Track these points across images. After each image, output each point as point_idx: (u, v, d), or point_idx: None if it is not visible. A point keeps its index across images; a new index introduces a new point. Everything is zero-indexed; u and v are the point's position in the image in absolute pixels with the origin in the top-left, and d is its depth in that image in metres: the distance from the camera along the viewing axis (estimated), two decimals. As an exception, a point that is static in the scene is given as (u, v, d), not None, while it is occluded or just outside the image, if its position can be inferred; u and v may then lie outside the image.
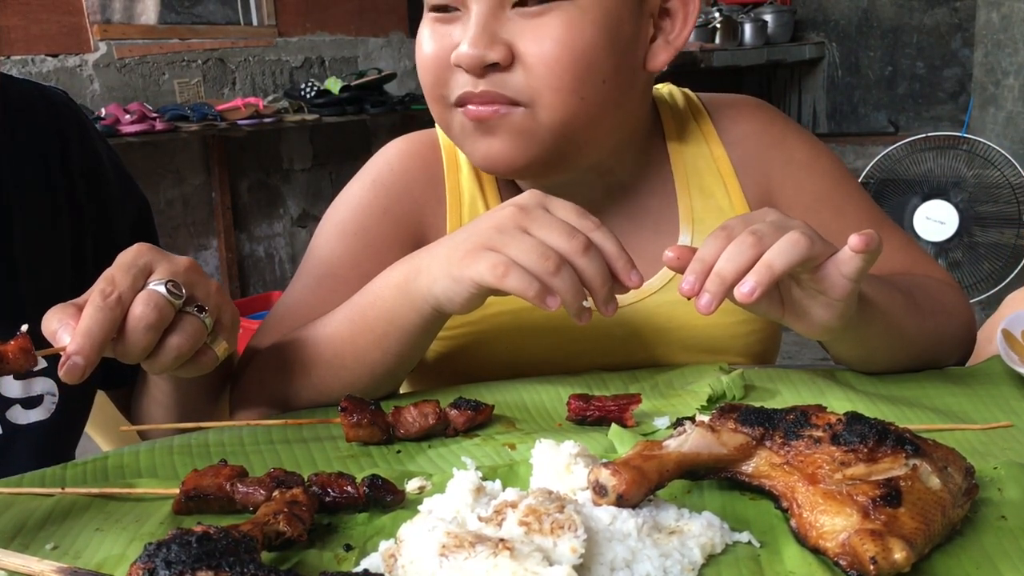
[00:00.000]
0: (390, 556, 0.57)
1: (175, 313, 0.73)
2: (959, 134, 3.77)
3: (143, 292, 0.72)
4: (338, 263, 1.02)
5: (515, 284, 0.76)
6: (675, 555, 0.57)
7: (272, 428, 0.84)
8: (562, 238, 0.77)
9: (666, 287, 1.02)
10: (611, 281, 0.78)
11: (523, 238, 0.77)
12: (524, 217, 0.78)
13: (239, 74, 4.47)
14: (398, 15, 5.13)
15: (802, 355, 3.45)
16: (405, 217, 1.03)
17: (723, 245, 0.75)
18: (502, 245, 0.78)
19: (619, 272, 0.79)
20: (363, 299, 0.90)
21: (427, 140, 1.08)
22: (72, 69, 3.86)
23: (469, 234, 0.81)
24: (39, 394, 0.96)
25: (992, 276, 3.66)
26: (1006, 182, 3.61)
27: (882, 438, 0.61)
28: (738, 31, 4.89)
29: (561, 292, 0.76)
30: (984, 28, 3.88)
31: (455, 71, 0.91)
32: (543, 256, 0.76)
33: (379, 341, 0.88)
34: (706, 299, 0.74)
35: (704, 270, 0.75)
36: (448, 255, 0.81)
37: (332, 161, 4.93)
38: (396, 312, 0.86)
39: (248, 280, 4.64)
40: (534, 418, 0.86)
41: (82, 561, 0.61)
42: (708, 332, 1.01)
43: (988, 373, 0.92)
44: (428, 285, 0.82)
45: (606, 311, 0.79)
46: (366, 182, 1.05)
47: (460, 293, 0.80)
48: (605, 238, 0.79)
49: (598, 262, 0.78)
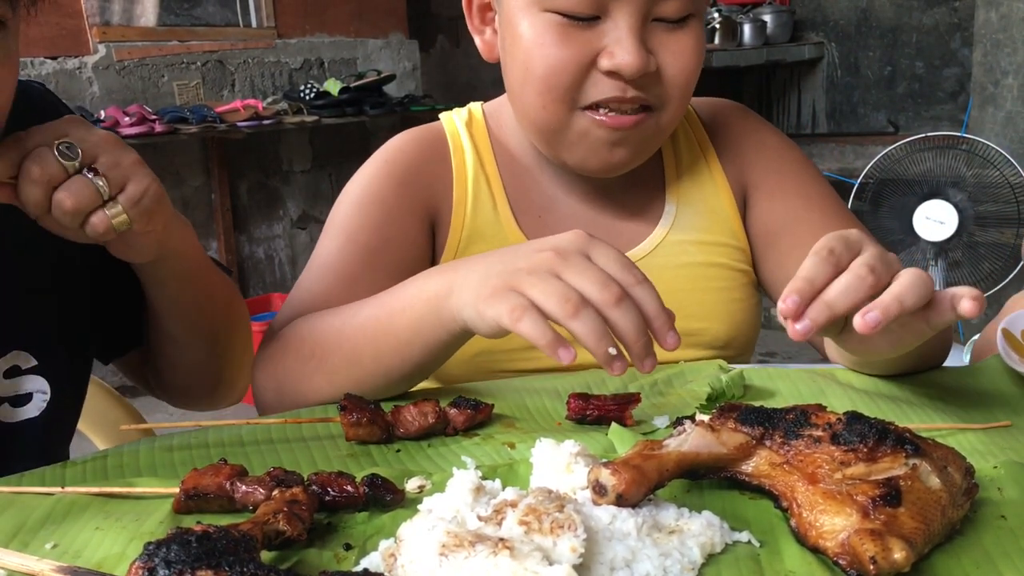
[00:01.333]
0: (390, 555, 0.57)
1: (66, 174, 0.77)
2: (958, 134, 3.76)
3: (35, 150, 0.77)
4: (358, 230, 1.06)
5: (528, 330, 0.74)
6: (675, 554, 0.57)
7: (272, 427, 0.84)
8: (595, 287, 0.74)
9: (652, 254, 1.09)
10: (646, 336, 0.75)
11: (550, 282, 0.75)
12: (560, 262, 0.76)
13: (238, 76, 4.47)
14: (397, 17, 5.13)
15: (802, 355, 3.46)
16: (419, 190, 1.09)
17: (831, 272, 0.71)
18: (528, 287, 0.76)
19: (656, 331, 0.76)
20: (393, 302, 0.89)
21: (431, 130, 1.15)
22: (71, 71, 3.86)
23: (504, 268, 0.79)
24: (28, 392, 0.96)
25: (992, 276, 3.65)
26: (1005, 182, 3.61)
27: (882, 438, 0.61)
28: (737, 31, 4.89)
29: (581, 337, 0.73)
30: (983, 28, 3.88)
31: (594, 75, 0.97)
32: (564, 299, 0.73)
33: (402, 348, 0.87)
34: (806, 326, 0.69)
35: (812, 292, 0.70)
36: (479, 286, 0.79)
37: (332, 162, 4.93)
38: (424, 324, 0.85)
39: (248, 282, 4.64)
40: (534, 417, 0.86)
41: (82, 560, 0.61)
42: (692, 298, 1.07)
43: (988, 373, 0.92)
44: (458, 308, 0.81)
45: (642, 367, 0.75)
46: (379, 162, 1.11)
47: (483, 328, 0.79)
48: (646, 293, 0.76)
49: (632, 315, 0.74)
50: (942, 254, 3.72)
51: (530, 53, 0.97)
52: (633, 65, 0.94)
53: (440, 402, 0.82)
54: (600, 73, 0.96)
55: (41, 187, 0.77)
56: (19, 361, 0.95)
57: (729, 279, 1.12)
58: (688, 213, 1.12)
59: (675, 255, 1.11)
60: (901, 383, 0.91)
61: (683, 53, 0.97)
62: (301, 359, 0.93)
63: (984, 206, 3.67)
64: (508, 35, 1.01)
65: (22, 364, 0.95)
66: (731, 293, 1.11)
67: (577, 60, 0.95)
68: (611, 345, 0.73)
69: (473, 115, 1.16)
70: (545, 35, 0.96)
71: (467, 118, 1.15)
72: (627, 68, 0.94)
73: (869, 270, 0.70)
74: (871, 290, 0.70)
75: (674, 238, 1.11)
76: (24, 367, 0.95)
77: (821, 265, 0.71)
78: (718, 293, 1.11)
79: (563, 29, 0.95)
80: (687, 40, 0.98)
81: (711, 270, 1.11)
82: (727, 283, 1.12)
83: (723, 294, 1.11)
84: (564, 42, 0.95)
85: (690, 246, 1.11)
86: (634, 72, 0.94)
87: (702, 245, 1.11)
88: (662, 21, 0.96)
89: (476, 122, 1.15)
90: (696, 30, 0.98)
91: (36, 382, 0.96)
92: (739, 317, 1.12)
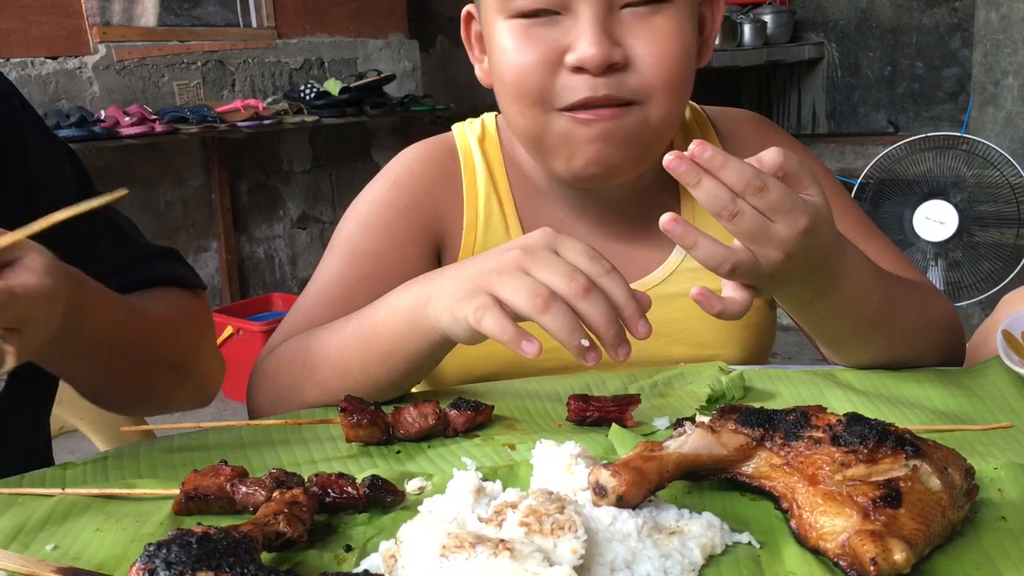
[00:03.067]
0: (390, 556, 0.57)
1: None
2: (958, 134, 3.76)
3: None
4: (361, 256, 1.05)
5: (490, 327, 0.75)
6: (675, 555, 0.57)
7: (272, 428, 0.84)
8: (562, 280, 0.75)
9: (666, 281, 1.06)
10: (617, 325, 0.75)
11: (519, 278, 0.76)
12: (528, 258, 0.77)
13: (238, 76, 4.47)
14: (397, 17, 5.13)
15: (802, 355, 3.46)
16: (425, 215, 1.06)
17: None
18: (497, 286, 0.76)
19: (626, 320, 0.76)
20: (376, 314, 0.89)
21: (443, 146, 1.12)
22: (71, 71, 3.86)
23: (475, 271, 0.80)
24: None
25: (992, 276, 3.65)
26: (1005, 182, 3.61)
27: (882, 439, 0.61)
28: (737, 31, 4.89)
29: (553, 331, 0.74)
30: (983, 28, 3.88)
31: (563, 75, 0.92)
32: (533, 295, 0.74)
33: (386, 359, 0.88)
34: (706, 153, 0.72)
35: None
36: (453, 291, 0.80)
37: (332, 163, 4.93)
38: (406, 335, 0.86)
39: (248, 282, 4.64)
40: (534, 418, 0.86)
41: (82, 561, 0.61)
42: (706, 325, 1.04)
43: (988, 373, 0.92)
44: (436, 316, 0.82)
45: (616, 356, 0.76)
46: (387, 182, 1.08)
47: (459, 332, 0.80)
48: (615, 284, 0.76)
49: (601, 305, 0.75)
50: (942, 254, 3.73)
51: (500, 62, 0.96)
52: (596, 57, 0.89)
53: (440, 403, 0.82)
54: (568, 72, 0.92)
55: None
56: None
57: None
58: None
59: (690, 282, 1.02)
60: (901, 384, 0.91)
61: (658, 40, 0.91)
62: (292, 374, 0.94)
63: (984, 206, 3.68)
64: (490, 54, 1.00)
65: None
66: (747, 320, 1.02)
67: (543, 59, 0.92)
68: (583, 337, 0.74)
69: (487, 129, 1.12)
70: (511, 40, 0.94)
71: (480, 133, 1.12)
72: (590, 60, 0.89)
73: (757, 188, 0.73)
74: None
75: (689, 264, 1.05)
76: None
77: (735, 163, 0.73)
78: (733, 323, 1.04)
79: (527, 30, 0.93)
80: (663, 25, 0.92)
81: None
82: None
83: (739, 322, 1.04)
84: (528, 44, 0.93)
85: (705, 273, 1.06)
86: (597, 64, 0.89)
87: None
88: (632, 7, 0.91)
89: (489, 137, 1.11)
90: (675, 15, 0.93)
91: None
92: (753, 341, 1.09)
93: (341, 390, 0.88)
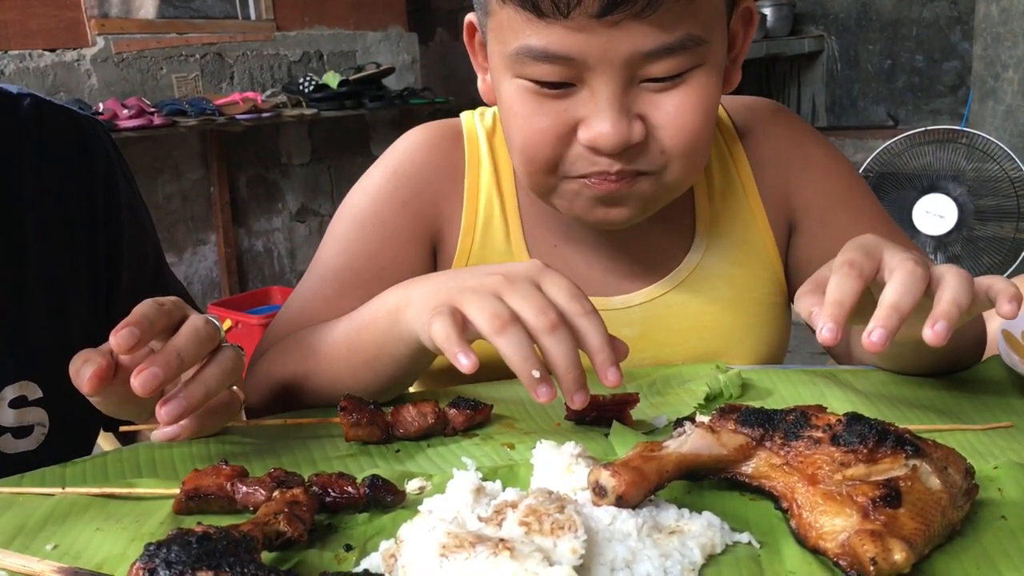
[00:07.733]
0: (390, 556, 0.57)
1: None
2: (958, 128, 3.76)
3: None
4: (355, 255, 1.02)
5: (436, 331, 0.74)
6: (675, 555, 0.57)
7: (272, 428, 0.84)
8: (532, 312, 0.73)
9: (677, 288, 1.03)
10: (579, 370, 0.73)
11: (488, 300, 0.74)
12: (506, 286, 0.75)
13: (237, 69, 4.46)
14: (396, 9, 5.12)
15: (800, 349, 3.46)
16: (423, 211, 1.03)
17: (857, 284, 0.69)
18: (466, 303, 0.75)
19: (596, 366, 0.74)
20: (361, 318, 0.89)
21: (449, 132, 1.07)
22: (70, 64, 3.85)
23: (453, 285, 0.78)
24: (30, 424, 0.94)
25: (991, 270, 3.65)
26: (1005, 176, 3.61)
27: (882, 439, 0.61)
28: (737, 25, 4.87)
29: (505, 354, 0.72)
30: (983, 21, 3.88)
31: (575, 147, 0.87)
32: (494, 316, 0.73)
33: (371, 363, 0.87)
34: (880, 335, 0.66)
35: (844, 314, 0.68)
36: (427, 300, 0.79)
37: (331, 156, 4.92)
38: (387, 340, 0.85)
39: (247, 275, 4.64)
40: (533, 418, 0.86)
41: (82, 561, 0.61)
42: (717, 334, 1.02)
43: (988, 373, 0.92)
44: (411, 321, 0.81)
45: (571, 401, 0.74)
46: (387, 172, 1.05)
47: (428, 341, 0.78)
48: (592, 325, 0.74)
49: (565, 345, 0.72)
50: (941, 248, 3.73)
51: (508, 121, 0.90)
52: (612, 138, 0.83)
53: (439, 402, 0.82)
54: (580, 144, 0.86)
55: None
56: (27, 391, 0.93)
57: (758, 314, 1.05)
58: (719, 245, 1.03)
59: (702, 290, 1.03)
60: (901, 383, 0.91)
61: (682, 113, 0.84)
62: (288, 378, 0.93)
63: (984, 200, 3.68)
64: (497, 101, 0.94)
65: (29, 395, 0.93)
66: (759, 329, 1.04)
67: (555, 131, 0.86)
68: (536, 368, 0.72)
69: (498, 125, 1.04)
70: (519, 104, 0.87)
71: (491, 127, 1.06)
72: (605, 141, 0.83)
73: (924, 270, 0.69)
74: (924, 287, 0.69)
75: (702, 272, 1.03)
76: (31, 398, 0.93)
77: (846, 281, 0.69)
78: (746, 330, 1.03)
79: (537, 98, 0.86)
80: (687, 98, 0.84)
81: (740, 305, 1.04)
82: (756, 319, 1.04)
83: (751, 331, 1.04)
84: (539, 112, 0.86)
85: (718, 280, 1.03)
86: (614, 146, 0.83)
87: (733, 279, 1.03)
88: (654, 81, 0.84)
89: (500, 135, 1.03)
90: (701, 79, 0.85)
91: (38, 414, 0.94)
92: (764, 351, 1.05)
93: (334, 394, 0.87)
